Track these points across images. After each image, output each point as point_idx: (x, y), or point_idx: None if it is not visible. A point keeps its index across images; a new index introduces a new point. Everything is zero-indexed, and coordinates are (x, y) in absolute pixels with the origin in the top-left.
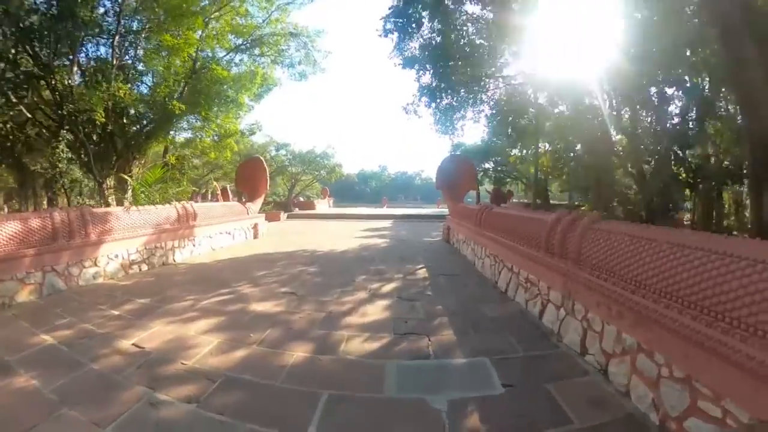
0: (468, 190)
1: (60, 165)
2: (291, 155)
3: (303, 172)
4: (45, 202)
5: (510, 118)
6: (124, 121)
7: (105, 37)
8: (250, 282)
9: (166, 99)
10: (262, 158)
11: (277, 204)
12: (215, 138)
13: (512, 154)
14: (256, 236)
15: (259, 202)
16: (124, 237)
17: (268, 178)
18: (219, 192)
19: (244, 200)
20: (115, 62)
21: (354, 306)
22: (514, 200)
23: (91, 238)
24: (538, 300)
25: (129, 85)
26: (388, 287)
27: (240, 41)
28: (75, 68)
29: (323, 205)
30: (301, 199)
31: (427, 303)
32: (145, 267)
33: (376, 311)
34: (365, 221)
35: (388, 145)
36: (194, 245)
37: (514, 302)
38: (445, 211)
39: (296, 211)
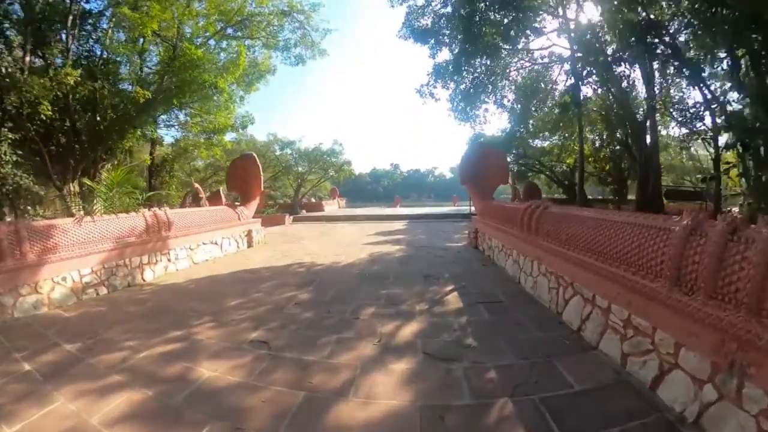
0: (498, 184)
1: (2, 170)
2: (297, 154)
3: (309, 171)
4: None
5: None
6: (98, 118)
7: (56, 19)
8: (214, 318)
9: (132, 85)
10: (255, 155)
11: (282, 206)
12: (205, 135)
13: (535, 144)
14: (250, 245)
15: (254, 205)
16: (75, 255)
17: (262, 178)
18: (202, 195)
19: (237, 204)
20: (70, 47)
21: (353, 374)
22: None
23: (28, 258)
24: (653, 362)
25: (80, 71)
26: (406, 331)
27: (226, 24)
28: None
29: (332, 206)
30: (312, 200)
31: (472, 365)
32: (104, 290)
33: (388, 388)
34: (377, 223)
35: (401, 144)
36: (170, 260)
37: (600, 353)
38: (463, 209)
39: (303, 213)
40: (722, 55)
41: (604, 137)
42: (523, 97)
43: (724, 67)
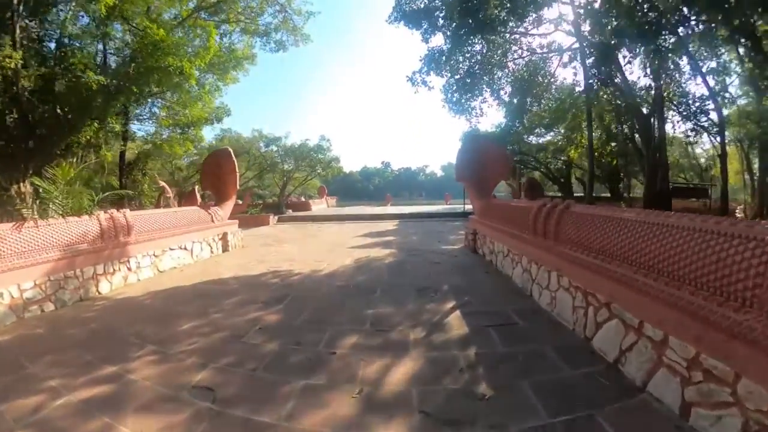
0: (498, 181)
1: None
2: (283, 150)
3: (296, 168)
4: None
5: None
6: (57, 110)
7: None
8: (160, 348)
9: (82, 72)
10: (230, 150)
11: (267, 206)
12: (180, 129)
13: (530, 140)
14: (225, 249)
15: (229, 205)
16: (14, 266)
17: (238, 175)
18: (169, 194)
19: (211, 204)
20: (16, 28)
21: None
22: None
23: None
24: (734, 420)
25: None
26: (397, 373)
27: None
28: None
29: (320, 206)
30: (302, 198)
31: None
32: (50, 306)
33: None
34: (366, 223)
35: (392, 142)
36: (130, 269)
37: (650, 397)
38: (457, 207)
39: (289, 213)
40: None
41: (611, 131)
42: (519, 91)
43: (726, 58)
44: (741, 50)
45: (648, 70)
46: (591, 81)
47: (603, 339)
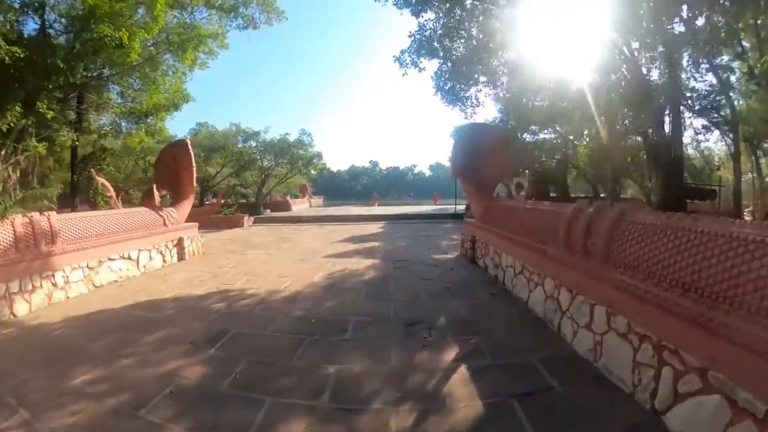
0: (503, 178)
1: None
2: (262, 146)
3: (275, 165)
4: None
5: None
6: None
7: None
8: (30, 418)
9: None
10: (187, 142)
11: (244, 205)
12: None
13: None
14: (181, 257)
15: (186, 205)
16: None
17: (194, 170)
18: (111, 194)
19: (164, 204)
20: None
21: None
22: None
23: None
24: None
25: None
26: None
27: None
28: None
29: (302, 206)
30: (288, 198)
31: None
32: None
33: None
34: (350, 225)
35: (380, 141)
36: (56, 284)
37: None
38: (447, 208)
39: (267, 213)
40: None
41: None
42: (517, 83)
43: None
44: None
45: (658, 61)
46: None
47: (687, 419)
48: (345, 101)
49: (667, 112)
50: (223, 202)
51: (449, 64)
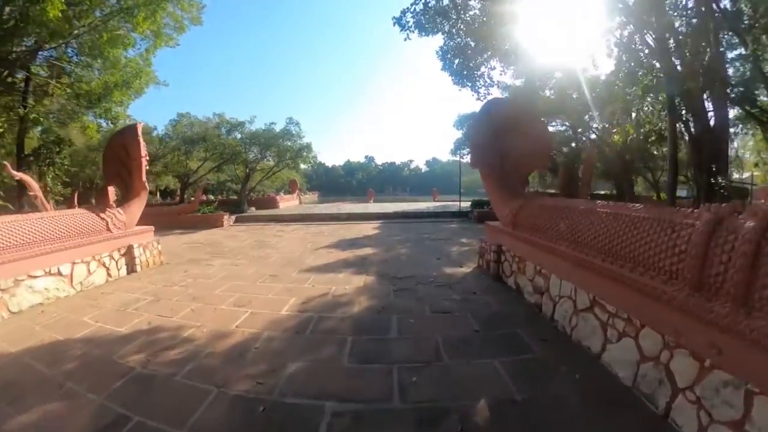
0: (536, 167)
1: None
2: (247, 137)
3: (261, 157)
4: None
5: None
6: None
7: None
8: None
9: None
10: (139, 126)
11: (226, 203)
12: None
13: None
14: (132, 269)
15: (137, 205)
16: None
17: (145, 161)
18: (37, 194)
19: (111, 204)
20: None
21: None
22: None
23: None
24: None
25: None
26: None
27: None
28: None
29: (291, 202)
30: (281, 194)
31: None
32: None
33: None
34: (342, 225)
35: (375, 136)
36: None
37: None
38: (450, 204)
39: (251, 211)
40: None
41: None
42: (529, 68)
43: None
44: None
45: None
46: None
47: None
48: (341, 94)
49: (706, 97)
50: (206, 198)
51: (457, 40)
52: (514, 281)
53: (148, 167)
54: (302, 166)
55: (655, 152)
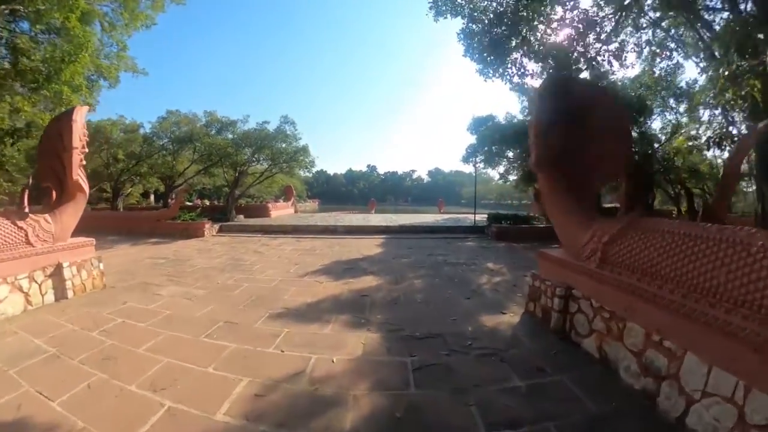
0: (614, 175)
1: None
2: (239, 138)
3: (251, 160)
4: None
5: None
6: None
7: None
8: None
9: None
10: (76, 110)
11: (212, 209)
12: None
13: None
14: (62, 295)
15: (71, 211)
16: None
17: (77, 153)
18: None
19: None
20: None
21: None
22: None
23: None
24: None
25: None
26: None
27: None
28: None
29: (285, 211)
30: (277, 201)
31: None
32: None
33: None
34: (339, 239)
35: (378, 145)
36: None
37: None
38: (460, 217)
39: (240, 219)
40: None
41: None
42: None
43: None
44: None
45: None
46: None
47: None
48: (346, 104)
49: None
50: (200, 203)
51: (481, 25)
52: (597, 347)
53: (133, 167)
54: (298, 171)
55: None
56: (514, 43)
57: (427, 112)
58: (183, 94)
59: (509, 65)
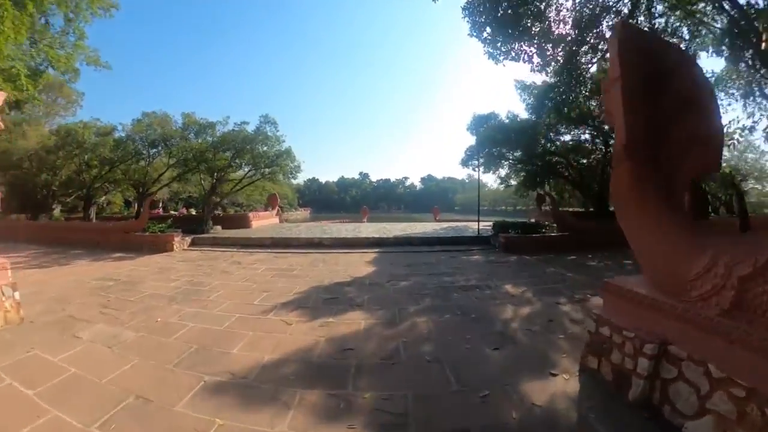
0: (707, 166)
1: None
2: (219, 141)
3: (229, 165)
4: None
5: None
6: None
7: None
8: None
9: None
10: None
11: (187, 219)
12: None
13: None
14: None
15: None
16: None
17: None
18: None
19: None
20: None
21: None
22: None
23: None
24: None
25: None
26: None
27: None
28: None
29: (268, 221)
30: (267, 210)
31: None
32: None
33: None
34: (325, 254)
35: (370, 152)
36: None
37: None
38: (458, 226)
39: (215, 231)
40: None
41: None
42: (564, 58)
43: None
44: None
45: None
46: None
47: None
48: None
49: None
50: (185, 213)
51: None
52: None
53: (106, 173)
54: (282, 177)
55: None
56: (530, 16)
57: (420, 118)
58: (188, 97)
59: (526, 41)
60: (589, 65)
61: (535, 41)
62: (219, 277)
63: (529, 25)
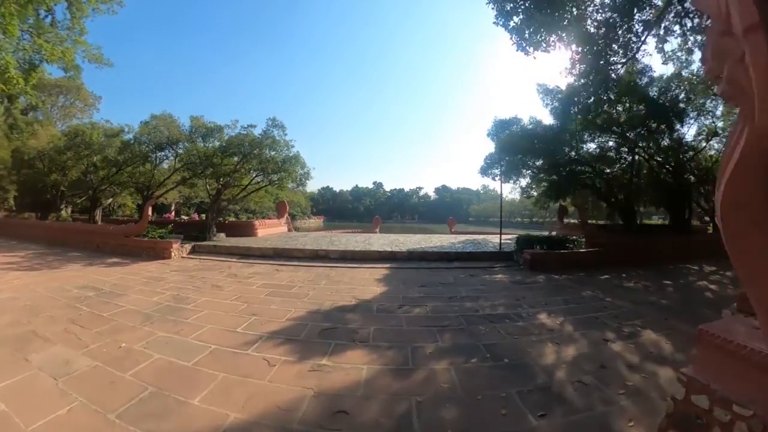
0: None
1: None
2: (225, 144)
3: (236, 170)
4: None
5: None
6: None
7: None
8: None
9: None
10: None
11: (190, 225)
12: None
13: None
14: None
15: None
16: None
17: None
18: None
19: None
20: None
21: None
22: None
23: None
24: None
25: None
26: None
27: None
28: None
29: (276, 229)
30: (285, 218)
31: None
32: None
33: None
34: (331, 269)
35: (384, 163)
36: None
37: None
38: (476, 238)
39: (218, 238)
40: None
41: None
42: (592, 60)
43: None
44: None
45: None
46: None
47: None
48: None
49: None
50: (196, 218)
51: None
52: None
53: (113, 176)
54: (290, 184)
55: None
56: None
57: (436, 129)
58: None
59: (557, 32)
60: (619, 66)
61: (564, 35)
62: (208, 293)
63: (567, 8)
